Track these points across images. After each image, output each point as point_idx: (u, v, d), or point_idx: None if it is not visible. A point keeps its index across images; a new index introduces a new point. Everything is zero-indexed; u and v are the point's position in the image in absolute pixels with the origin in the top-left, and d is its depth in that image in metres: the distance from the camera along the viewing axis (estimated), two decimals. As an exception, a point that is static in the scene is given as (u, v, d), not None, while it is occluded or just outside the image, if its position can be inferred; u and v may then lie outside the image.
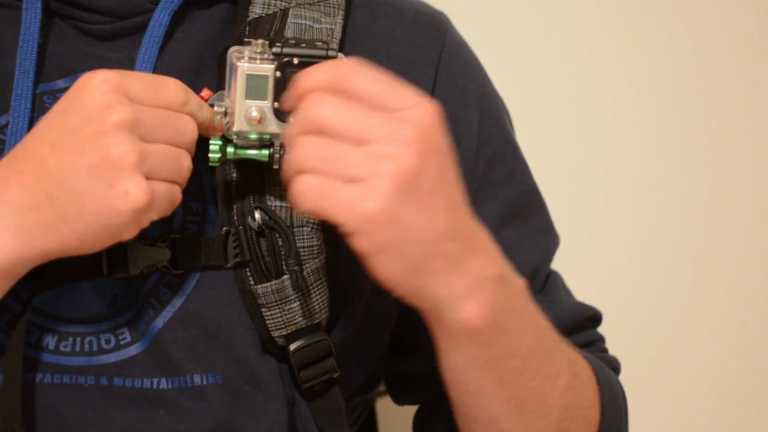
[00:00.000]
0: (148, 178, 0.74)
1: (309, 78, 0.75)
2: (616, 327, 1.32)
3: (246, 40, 0.80)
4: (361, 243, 0.74)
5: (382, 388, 0.98)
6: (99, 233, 0.74)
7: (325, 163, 0.73)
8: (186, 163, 0.77)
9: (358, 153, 0.73)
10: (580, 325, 0.97)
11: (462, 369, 0.80)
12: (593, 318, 0.98)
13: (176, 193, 0.76)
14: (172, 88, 0.77)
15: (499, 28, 1.29)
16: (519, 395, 0.82)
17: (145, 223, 0.75)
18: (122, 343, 0.82)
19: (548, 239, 0.97)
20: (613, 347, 1.31)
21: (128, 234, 0.75)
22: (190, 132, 0.77)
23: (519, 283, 0.81)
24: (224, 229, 0.82)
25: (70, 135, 0.73)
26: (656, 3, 1.31)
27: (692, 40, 1.32)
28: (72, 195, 0.73)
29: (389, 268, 0.75)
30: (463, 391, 0.82)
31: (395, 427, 1.15)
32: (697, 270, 1.34)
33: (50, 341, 0.82)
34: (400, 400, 1.00)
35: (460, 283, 0.76)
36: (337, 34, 0.86)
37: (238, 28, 0.85)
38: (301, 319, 0.83)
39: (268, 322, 0.83)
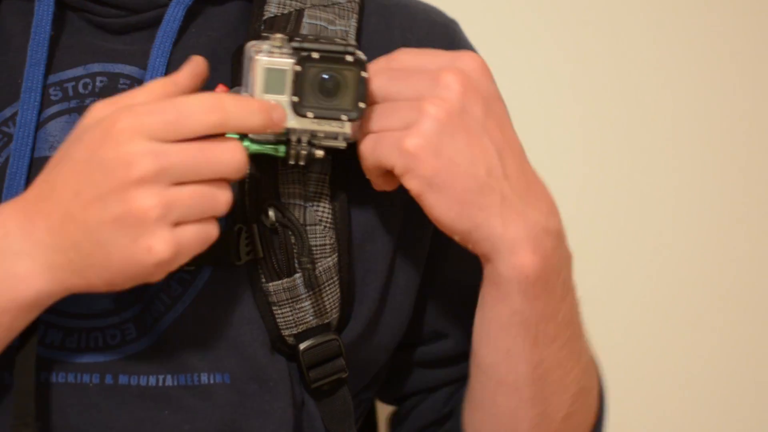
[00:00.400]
0: (178, 223, 0.73)
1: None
2: (612, 326, 1.32)
3: (264, 34, 0.80)
4: (410, 182, 0.77)
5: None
6: (125, 280, 0.74)
7: (379, 120, 0.78)
8: (223, 197, 0.74)
9: (406, 104, 0.78)
10: None
11: (502, 323, 0.82)
12: None
13: (209, 230, 0.74)
14: (197, 115, 0.72)
15: (499, 29, 1.29)
16: (547, 362, 0.83)
17: (173, 268, 0.74)
18: (128, 338, 0.81)
19: None
20: (610, 346, 1.32)
21: (156, 279, 0.74)
22: (230, 159, 0.74)
23: (570, 252, 0.83)
24: (237, 226, 0.81)
25: (93, 186, 0.72)
26: (657, 3, 1.32)
27: (693, 40, 1.32)
28: (97, 246, 0.72)
29: (440, 203, 0.77)
30: (496, 348, 0.83)
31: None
32: (694, 270, 1.34)
33: (56, 337, 0.81)
34: (384, 395, 1.00)
35: (515, 224, 0.78)
36: (351, 37, 0.86)
37: (253, 26, 0.84)
38: (311, 318, 0.83)
39: (278, 320, 0.82)
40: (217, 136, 0.74)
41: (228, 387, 0.82)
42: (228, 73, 0.84)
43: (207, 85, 0.83)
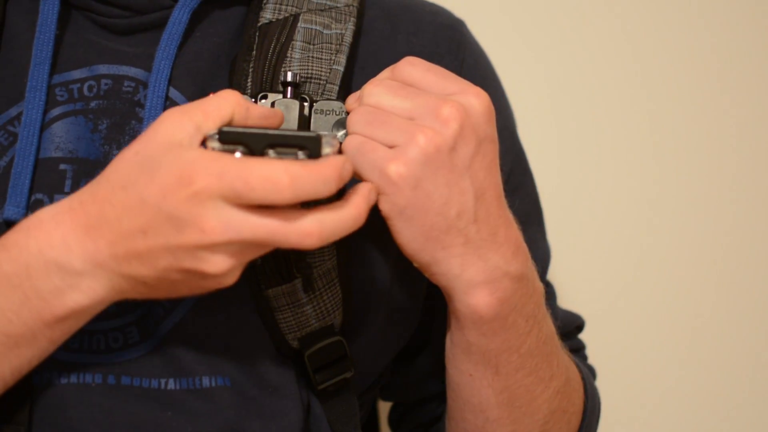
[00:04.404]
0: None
1: (367, 83, 0.79)
2: (614, 328, 1.33)
3: (222, 129, 0.72)
4: (383, 204, 0.76)
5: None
6: (187, 296, 0.75)
7: (369, 127, 0.76)
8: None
9: (400, 123, 0.76)
10: (569, 333, 1.00)
11: (464, 350, 0.83)
12: (579, 327, 1.02)
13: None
14: (270, 193, 0.68)
15: (498, 29, 1.28)
16: (511, 389, 0.84)
17: None
18: (130, 341, 0.82)
19: (545, 250, 0.99)
20: (613, 349, 1.32)
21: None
22: (303, 241, 0.70)
23: (538, 287, 0.83)
24: None
25: (163, 235, 0.70)
26: (657, 4, 1.31)
27: (694, 40, 1.32)
28: (164, 282, 0.72)
29: (405, 233, 0.77)
30: (460, 371, 0.84)
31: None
32: (694, 273, 1.34)
33: None
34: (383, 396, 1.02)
35: (474, 267, 0.78)
36: (347, 39, 0.86)
37: (248, 34, 0.84)
38: (314, 321, 0.83)
39: (281, 325, 0.83)
40: None
41: (230, 390, 0.82)
42: (226, 79, 0.84)
43: (206, 91, 0.82)
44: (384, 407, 1.08)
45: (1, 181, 0.81)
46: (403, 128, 0.76)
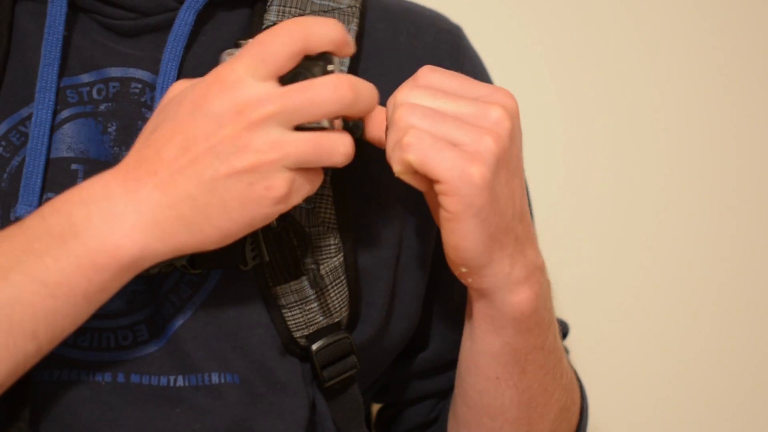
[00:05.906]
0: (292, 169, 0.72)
1: (400, 88, 0.78)
2: (614, 328, 1.34)
3: (239, 42, 0.78)
4: (455, 204, 0.75)
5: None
6: (243, 226, 0.73)
7: (427, 121, 0.75)
8: (342, 146, 0.74)
9: (459, 123, 0.76)
10: None
11: (495, 353, 0.83)
12: (564, 334, 1.03)
13: (316, 176, 0.75)
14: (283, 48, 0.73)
15: (498, 29, 1.29)
16: (533, 388, 0.85)
17: (289, 207, 0.74)
18: (139, 339, 0.82)
19: None
20: (614, 348, 1.33)
21: (270, 220, 0.74)
22: (338, 95, 0.72)
23: (549, 280, 0.85)
24: None
25: (203, 138, 0.71)
26: (657, 3, 1.33)
27: (693, 40, 1.32)
28: (214, 196, 0.71)
29: (474, 234, 0.77)
30: (486, 377, 0.85)
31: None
32: (694, 273, 1.35)
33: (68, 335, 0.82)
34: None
35: (520, 264, 0.80)
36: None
37: (253, 36, 0.84)
38: (321, 318, 0.84)
39: (289, 323, 0.83)
40: None
41: (238, 387, 0.83)
42: None
43: None
44: (377, 405, 1.09)
45: (13, 180, 0.82)
46: (465, 128, 0.76)
